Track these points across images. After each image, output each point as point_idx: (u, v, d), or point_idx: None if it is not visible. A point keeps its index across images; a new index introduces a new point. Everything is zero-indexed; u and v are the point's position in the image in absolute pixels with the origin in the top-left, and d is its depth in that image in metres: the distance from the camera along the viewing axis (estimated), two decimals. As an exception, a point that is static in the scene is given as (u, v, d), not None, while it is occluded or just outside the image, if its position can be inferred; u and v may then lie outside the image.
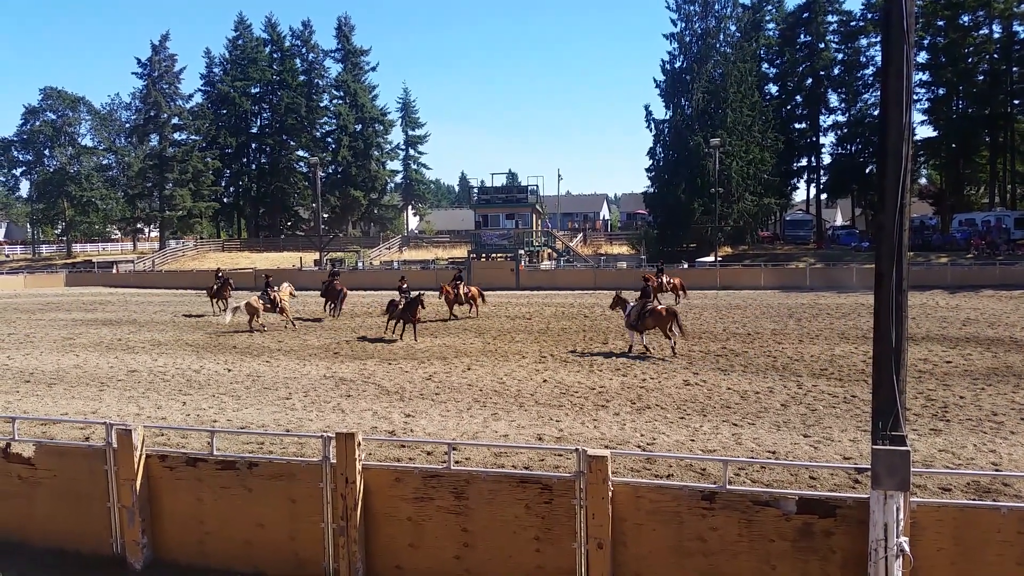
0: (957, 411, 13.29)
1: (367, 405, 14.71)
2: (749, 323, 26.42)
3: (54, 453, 8.51)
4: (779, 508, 6.46)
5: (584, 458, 6.80)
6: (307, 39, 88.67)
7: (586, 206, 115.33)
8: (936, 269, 42.87)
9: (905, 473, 5.99)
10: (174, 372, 18.64)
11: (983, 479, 9.66)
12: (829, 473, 10.08)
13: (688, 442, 11.81)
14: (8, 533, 8.62)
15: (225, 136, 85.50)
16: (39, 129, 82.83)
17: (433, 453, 11.29)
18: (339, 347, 22.27)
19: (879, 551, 6.03)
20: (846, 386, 15.61)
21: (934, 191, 71.04)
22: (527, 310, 32.73)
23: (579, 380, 16.78)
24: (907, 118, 6.15)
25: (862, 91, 67.22)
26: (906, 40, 6.05)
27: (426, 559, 7.37)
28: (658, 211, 62.47)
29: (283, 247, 79.31)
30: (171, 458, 8.15)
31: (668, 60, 61.79)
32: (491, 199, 61.50)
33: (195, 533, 8.03)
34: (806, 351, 20.05)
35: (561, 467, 10.21)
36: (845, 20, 67.56)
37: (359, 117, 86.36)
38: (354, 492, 7.33)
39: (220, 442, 8.57)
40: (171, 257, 73.86)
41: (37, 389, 16.84)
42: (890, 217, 6.24)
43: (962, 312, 28.14)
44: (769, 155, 61.07)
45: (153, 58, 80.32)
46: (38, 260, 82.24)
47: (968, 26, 59.93)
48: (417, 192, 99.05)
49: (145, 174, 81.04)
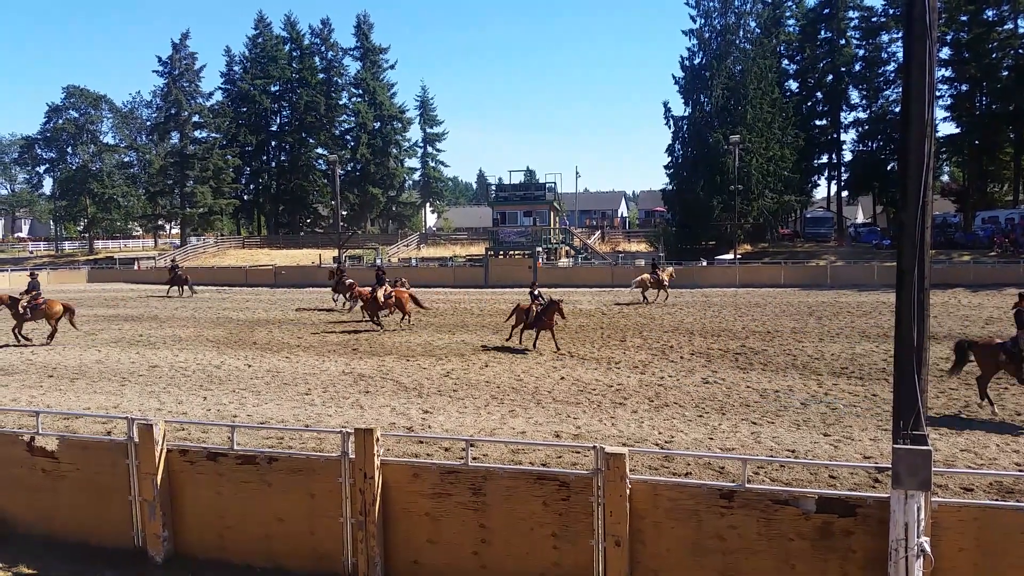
0: (980, 410, 13.14)
1: (385, 401, 14.78)
2: (769, 321, 26.25)
3: (77, 447, 8.61)
4: (798, 507, 6.42)
5: (602, 455, 6.79)
6: (326, 37, 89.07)
7: (604, 203, 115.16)
8: (958, 267, 42.39)
9: (926, 473, 5.93)
10: (195, 368, 18.80)
11: (1006, 479, 9.55)
12: (849, 472, 10.00)
13: (707, 440, 11.77)
14: (32, 526, 8.74)
15: (245, 134, 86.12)
16: (62, 127, 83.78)
17: (451, 449, 11.32)
18: (358, 343, 22.37)
19: (899, 551, 5.98)
20: (867, 385, 15.48)
21: (957, 188, 70.23)
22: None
23: (596, 377, 16.75)
24: (929, 114, 6.09)
25: (883, 87, 66.61)
26: (929, 35, 5.98)
27: (444, 555, 7.39)
28: (677, 208, 62.26)
29: (303, 244, 79.76)
30: (192, 452, 8.22)
31: (687, 56, 61.59)
32: (509, 196, 61.53)
33: (215, 527, 8.10)
34: (826, 349, 19.90)
35: (579, 464, 10.20)
36: (866, 16, 66.96)
37: (378, 115, 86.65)
38: (373, 487, 7.37)
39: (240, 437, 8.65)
40: (192, 254, 74.45)
41: (60, 384, 17.04)
42: (912, 215, 6.19)
43: (985, 311, 27.83)
44: (789, 152, 60.66)
45: (174, 56, 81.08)
46: (61, 257, 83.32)
47: (992, 21, 59.11)
48: (435, 189, 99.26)
49: (166, 171, 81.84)
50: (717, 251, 56.13)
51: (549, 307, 20.82)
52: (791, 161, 60.93)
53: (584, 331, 24.41)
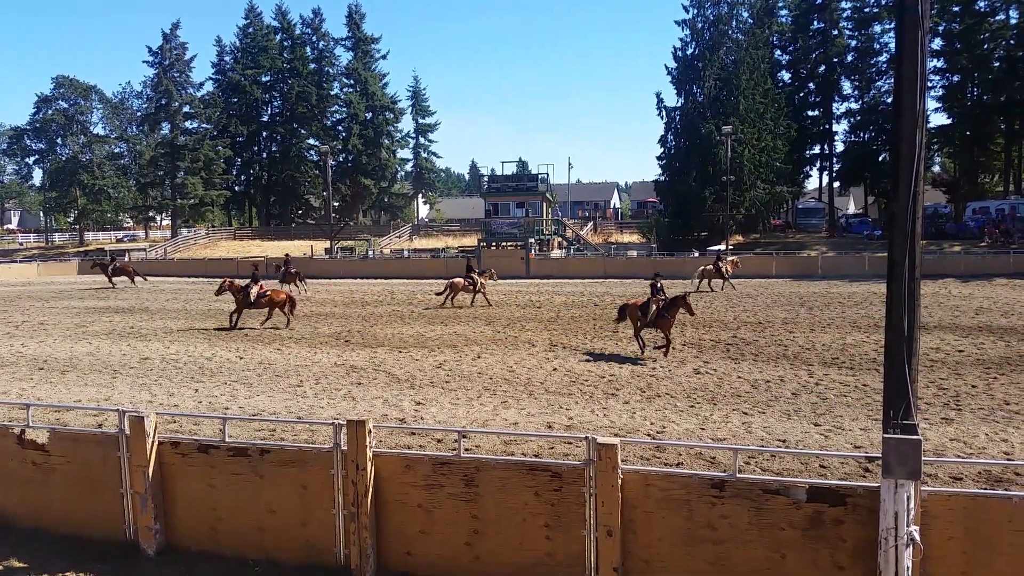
0: (969, 400, 13.22)
1: (378, 393, 14.77)
2: (760, 312, 26.33)
3: (68, 439, 8.58)
4: (789, 496, 6.45)
5: (594, 446, 6.81)
6: (317, 27, 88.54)
7: (596, 194, 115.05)
8: (949, 257, 42.59)
9: (916, 462, 5.96)
10: (186, 360, 18.75)
11: (995, 468, 9.63)
12: (840, 462, 10.05)
13: (698, 430, 11.81)
14: (23, 519, 8.72)
15: (236, 125, 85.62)
16: (52, 118, 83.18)
17: (443, 441, 11.32)
18: (350, 335, 22.34)
19: (889, 540, 6.02)
20: (857, 375, 15.55)
21: (948, 179, 70.47)
22: (537, 298, 32.72)
23: (589, 368, 16.78)
24: (921, 105, 6.10)
25: (875, 78, 66.69)
26: (921, 26, 5.99)
27: (437, 545, 7.41)
28: (669, 199, 62.27)
29: (294, 235, 79.43)
30: (183, 445, 8.20)
31: (680, 47, 61.46)
32: (501, 187, 61.41)
33: (207, 519, 8.09)
34: (817, 340, 19.97)
35: (571, 455, 10.22)
36: (859, 7, 66.98)
37: (369, 105, 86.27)
38: (365, 479, 7.37)
39: (232, 429, 8.62)
40: (183, 245, 74.16)
41: (51, 376, 16.97)
42: (903, 205, 6.21)
43: (975, 301, 27.96)
44: (781, 143, 60.71)
45: (164, 47, 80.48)
46: (51, 248, 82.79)
47: (984, 12, 59.28)
48: (427, 180, 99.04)
49: (157, 162, 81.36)
50: (709, 242, 56.15)
51: (674, 303, 17.88)
52: (783, 152, 60.98)
53: (576, 322, 24.44)
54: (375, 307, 30.25)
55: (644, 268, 44.56)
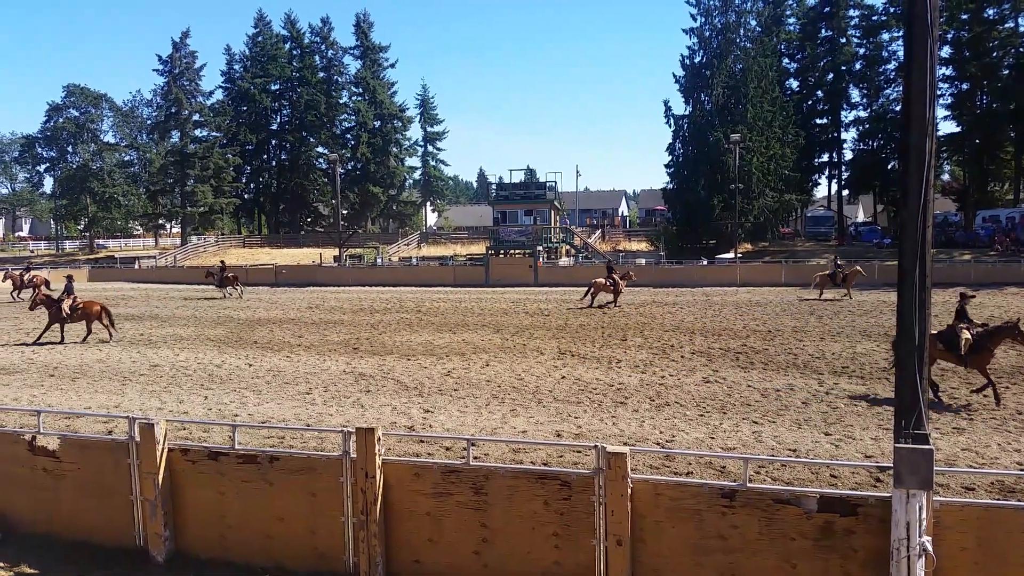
0: (981, 410, 13.14)
1: (386, 400, 14.77)
2: (769, 320, 26.25)
3: (78, 446, 8.61)
4: (800, 506, 6.41)
5: (603, 455, 6.78)
6: (326, 36, 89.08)
7: (604, 202, 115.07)
8: (959, 266, 42.38)
9: (928, 472, 5.92)
10: (196, 367, 18.80)
11: (1008, 479, 9.55)
12: (850, 471, 9.99)
13: (708, 440, 11.76)
14: (34, 525, 8.74)
15: (245, 133, 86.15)
16: (62, 126, 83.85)
17: (452, 449, 11.31)
18: (359, 343, 22.37)
19: (901, 550, 5.97)
20: (868, 384, 15.48)
21: (957, 187, 70.24)
22: (545, 306, 32.71)
23: (597, 377, 16.75)
24: (930, 113, 6.08)
25: (884, 86, 66.63)
26: (930, 34, 5.98)
27: (445, 554, 7.39)
28: (677, 207, 62.21)
29: (303, 243, 79.76)
30: (193, 452, 8.21)
31: (688, 55, 61.55)
32: (509, 195, 61.54)
33: (216, 526, 8.09)
34: (827, 349, 19.89)
35: (580, 464, 10.20)
36: (867, 14, 66.96)
37: (378, 114, 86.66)
38: (374, 487, 7.36)
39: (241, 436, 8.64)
40: (192, 253, 74.49)
41: (61, 383, 17.04)
42: (913, 214, 6.19)
43: (986, 310, 27.78)
44: (790, 151, 60.65)
45: (174, 55, 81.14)
46: (61, 256, 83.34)
47: (993, 20, 59.10)
48: (435, 188, 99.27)
49: (166, 170, 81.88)
50: (718, 250, 56.12)
51: (997, 332, 13.74)
52: (792, 160, 60.91)
53: (585, 330, 24.41)
54: (384, 315, 30.29)
55: (652, 276, 44.58)
